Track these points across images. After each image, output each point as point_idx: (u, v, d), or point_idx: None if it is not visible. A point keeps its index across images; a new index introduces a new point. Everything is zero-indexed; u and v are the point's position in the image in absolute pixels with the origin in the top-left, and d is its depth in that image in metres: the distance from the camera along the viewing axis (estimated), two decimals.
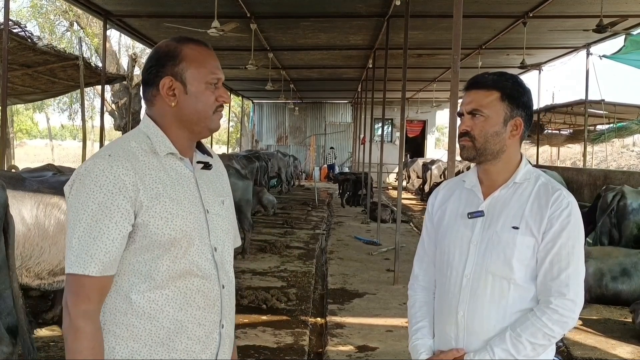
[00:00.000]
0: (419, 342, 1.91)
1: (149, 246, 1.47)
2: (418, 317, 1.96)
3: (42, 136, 44.84)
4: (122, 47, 22.05)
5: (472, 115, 1.80)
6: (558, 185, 1.82)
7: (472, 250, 1.81)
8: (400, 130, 9.80)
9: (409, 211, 15.09)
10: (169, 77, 1.54)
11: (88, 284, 1.42)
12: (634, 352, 4.76)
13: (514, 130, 1.81)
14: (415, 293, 2.01)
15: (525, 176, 1.83)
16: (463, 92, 1.88)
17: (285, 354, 4.60)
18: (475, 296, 1.78)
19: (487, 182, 1.87)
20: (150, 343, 1.48)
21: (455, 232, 1.86)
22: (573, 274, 1.72)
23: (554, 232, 1.73)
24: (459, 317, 1.80)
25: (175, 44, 1.57)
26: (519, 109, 1.80)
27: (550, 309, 1.70)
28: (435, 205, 1.99)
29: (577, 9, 9.55)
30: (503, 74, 1.85)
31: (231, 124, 35.79)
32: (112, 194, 1.43)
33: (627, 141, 26.28)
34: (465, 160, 1.91)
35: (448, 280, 1.86)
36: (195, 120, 1.57)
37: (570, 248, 1.72)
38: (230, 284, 1.64)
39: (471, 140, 1.81)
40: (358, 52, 13.94)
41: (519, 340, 1.71)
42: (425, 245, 2.02)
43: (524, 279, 1.75)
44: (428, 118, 27.77)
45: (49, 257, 4.31)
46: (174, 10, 10.01)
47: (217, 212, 1.62)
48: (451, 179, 2.07)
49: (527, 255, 1.75)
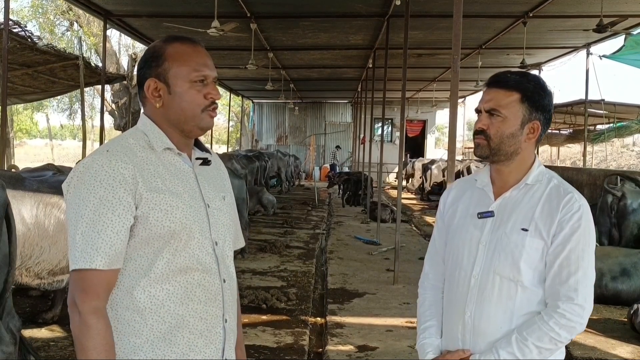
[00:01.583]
0: (426, 342, 1.91)
1: (148, 239, 1.48)
2: (427, 316, 1.95)
3: (42, 136, 44.80)
4: (122, 47, 22.06)
5: (490, 114, 1.78)
6: (570, 188, 1.79)
7: (481, 250, 1.80)
8: (400, 130, 9.81)
9: (409, 211, 15.09)
10: (152, 78, 1.55)
11: (96, 279, 1.41)
12: (634, 352, 4.76)
13: (531, 133, 1.79)
14: (425, 291, 1.99)
15: (538, 178, 1.81)
16: (484, 88, 1.85)
17: (285, 354, 4.60)
18: (483, 297, 1.77)
19: (499, 183, 1.85)
20: (152, 338, 1.48)
21: (465, 231, 1.85)
22: (582, 279, 1.69)
23: (563, 236, 1.71)
24: (466, 318, 1.80)
25: (161, 44, 1.57)
26: (538, 112, 1.78)
27: (558, 314, 1.69)
28: (447, 204, 1.97)
29: (577, 9, 9.55)
30: (526, 75, 1.82)
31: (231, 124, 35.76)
32: (112, 188, 1.43)
33: (627, 141, 26.29)
34: (479, 157, 1.89)
35: (456, 280, 1.85)
36: (182, 119, 1.56)
37: (580, 252, 1.70)
38: (231, 280, 1.64)
39: (486, 139, 1.78)
40: (358, 52, 13.94)
41: (524, 343, 1.69)
42: (436, 244, 2.00)
43: (531, 281, 1.74)
44: (428, 118, 27.79)
45: (49, 257, 4.31)
46: (174, 10, 10.01)
47: (218, 207, 1.62)
48: (463, 178, 2.05)
49: (536, 258, 1.73)
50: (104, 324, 1.42)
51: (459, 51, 4.09)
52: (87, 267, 1.40)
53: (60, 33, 21.50)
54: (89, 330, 1.39)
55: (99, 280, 1.42)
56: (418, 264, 8.25)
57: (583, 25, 10.12)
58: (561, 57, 14.08)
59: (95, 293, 1.42)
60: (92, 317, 1.40)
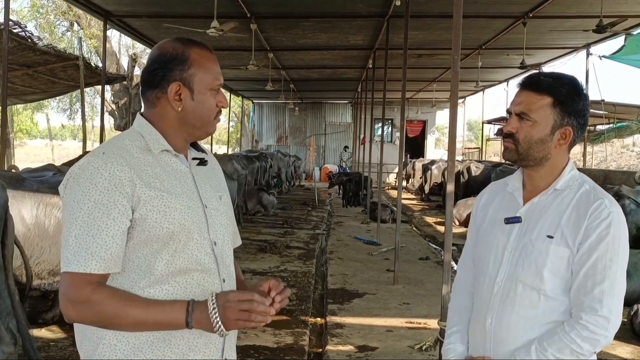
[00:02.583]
0: (450, 347, 1.89)
1: (147, 241, 1.47)
2: (454, 322, 1.93)
3: (42, 136, 44.77)
4: (122, 47, 22.07)
5: (520, 118, 1.71)
6: (602, 193, 1.70)
7: (506, 257, 1.76)
8: (400, 131, 9.80)
9: (409, 211, 15.09)
10: (177, 82, 1.54)
11: (87, 280, 1.41)
12: (633, 352, 4.76)
13: (562, 139, 1.72)
14: (455, 296, 1.97)
15: (569, 183, 1.74)
16: (516, 89, 1.77)
17: (285, 354, 4.60)
18: (504, 305, 1.73)
19: (530, 187, 1.79)
20: (152, 339, 1.48)
21: (492, 237, 1.81)
22: (608, 290, 1.62)
23: (590, 244, 1.63)
24: (487, 325, 1.76)
25: (182, 47, 1.56)
26: (571, 117, 1.71)
27: (580, 325, 1.62)
28: (479, 208, 1.94)
29: (577, 9, 9.56)
30: (560, 78, 1.73)
31: (231, 124, 35.77)
32: (107, 191, 1.43)
33: (627, 141, 26.27)
34: (507, 161, 1.82)
35: (481, 286, 1.82)
36: (198, 125, 1.59)
37: (608, 262, 1.62)
38: (231, 279, 1.64)
39: (514, 143, 1.73)
40: (358, 52, 13.94)
41: (544, 354, 1.64)
42: (468, 248, 1.96)
43: (555, 290, 1.68)
44: (428, 118, 27.81)
45: (49, 257, 4.32)
46: (174, 11, 10.01)
47: (215, 207, 1.63)
48: (496, 182, 1.98)
49: (561, 267, 1.67)
50: (106, 291, 1.42)
51: (459, 51, 4.08)
52: (81, 271, 1.40)
53: (60, 33, 21.50)
54: (98, 305, 1.40)
55: (91, 280, 1.42)
56: (418, 264, 8.26)
57: (583, 26, 10.13)
58: (561, 57, 14.09)
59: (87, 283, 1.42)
60: (93, 294, 1.40)
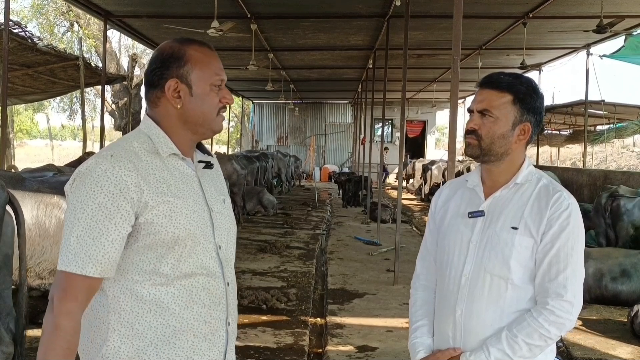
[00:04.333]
0: (417, 341, 1.93)
1: (152, 245, 1.48)
2: (418, 316, 1.97)
3: (42, 136, 44.78)
4: (122, 47, 22.06)
5: (482, 115, 1.80)
6: (559, 187, 1.82)
7: (472, 249, 1.83)
8: (400, 131, 9.82)
9: (409, 211, 15.09)
10: (174, 79, 1.54)
11: (80, 283, 1.41)
12: (634, 352, 4.76)
13: (522, 134, 1.81)
14: (417, 292, 2.02)
15: (527, 177, 1.83)
16: (476, 88, 1.89)
17: (285, 354, 4.61)
18: (473, 295, 1.80)
19: (489, 183, 1.88)
20: (156, 342, 1.48)
21: (456, 231, 1.88)
22: (571, 276, 1.72)
23: (552, 234, 1.73)
24: (457, 316, 1.82)
25: (180, 46, 1.57)
26: (530, 114, 1.80)
27: (547, 310, 1.71)
28: (438, 204, 2.00)
29: (577, 10, 9.56)
30: (519, 77, 1.84)
31: (231, 124, 35.78)
32: (112, 195, 1.42)
33: (627, 141, 26.28)
34: (469, 157, 1.91)
35: (447, 279, 1.87)
36: (200, 122, 1.58)
37: (569, 250, 1.73)
38: (234, 282, 1.65)
39: (477, 139, 1.81)
40: (358, 53, 13.95)
41: (514, 340, 1.72)
42: (427, 244, 2.02)
43: (521, 279, 1.76)
44: (428, 118, 27.81)
45: (50, 257, 4.31)
46: (174, 11, 10.02)
47: (220, 210, 1.63)
48: (455, 179, 2.08)
49: (526, 256, 1.76)
50: (72, 327, 1.42)
51: (459, 52, 4.09)
52: (78, 272, 1.40)
53: (61, 34, 21.49)
54: (57, 330, 1.40)
55: (83, 285, 1.42)
56: None
57: (583, 26, 10.13)
58: (561, 57, 14.09)
59: (74, 296, 1.41)
60: (64, 318, 1.40)
